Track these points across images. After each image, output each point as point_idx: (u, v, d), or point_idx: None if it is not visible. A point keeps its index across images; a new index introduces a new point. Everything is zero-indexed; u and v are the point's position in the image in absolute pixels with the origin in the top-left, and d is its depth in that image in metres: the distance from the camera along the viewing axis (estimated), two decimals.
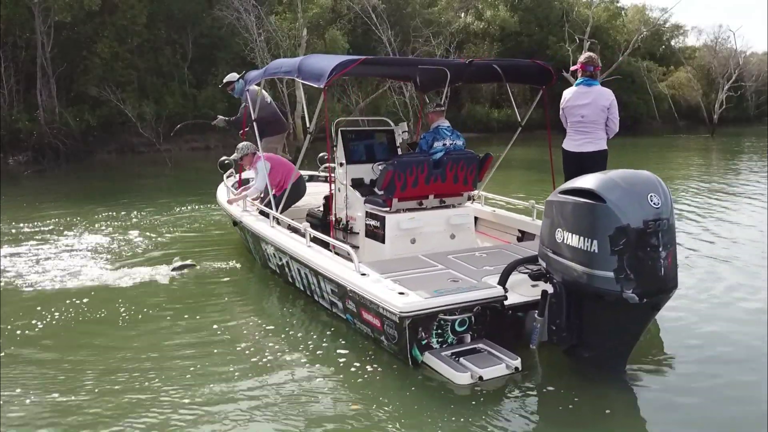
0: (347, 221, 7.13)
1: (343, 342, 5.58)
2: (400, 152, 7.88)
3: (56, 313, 6.64)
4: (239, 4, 27.89)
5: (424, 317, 4.66)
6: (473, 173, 6.71)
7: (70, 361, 5.49)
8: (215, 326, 6.12)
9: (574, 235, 4.30)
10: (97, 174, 22.08)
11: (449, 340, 4.89)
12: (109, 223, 11.54)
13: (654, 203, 4.08)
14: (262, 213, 7.61)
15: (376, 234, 6.57)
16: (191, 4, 31.13)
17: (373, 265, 5.55)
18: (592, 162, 6.04)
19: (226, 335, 5.91)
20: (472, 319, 4.89)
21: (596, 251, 4.15)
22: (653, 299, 4.23)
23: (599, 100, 5.96)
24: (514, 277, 5.06)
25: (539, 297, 4.73)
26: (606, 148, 6.19)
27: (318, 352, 5.41)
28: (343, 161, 7.17)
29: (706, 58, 50.16)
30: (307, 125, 6.65)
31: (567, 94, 6.17)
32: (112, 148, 27.88)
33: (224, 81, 9.95)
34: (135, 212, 12.46)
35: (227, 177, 9.58)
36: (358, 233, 7.00)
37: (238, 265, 8.31)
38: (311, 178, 9.68)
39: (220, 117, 10.15)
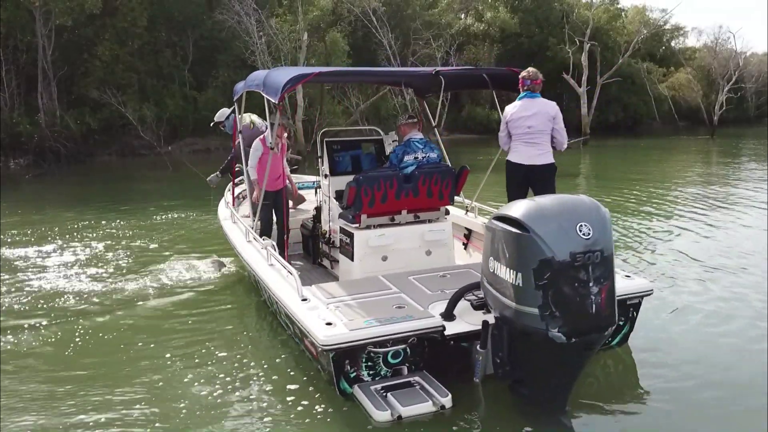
0: (330, 235, 6.95)
1: (291, 362, 5.46)
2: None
3: (54, 319, 6.66)
4: (240, 7, 27.92)
5: (350, 350, 4.41)
6: (449, 187, 6.35)
7: (69, 363, 5.52)
8: (182, 334, 6.24)
9: (502, 266, 3.98)
10: (97, 177, 22.11)
11: (382, 373, 4.60)
12: (107, 229, 11.56)
13: (583, 234, 3.72)
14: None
15: (347, 251, 6.31)
16: (191, 7, 31.17)
17: (324, 288, 5.36)
18: (541, 176, 6.06)
19: (184, 341, 6.05)
20: (408, 350, 4.60)
21: (521, 285, 3.82)
22: (583, 339, 3.85)
23: (545, 110, 5.98)
24: (464, 305, 4.73)
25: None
26: (554, 161, 6.13)
27: (264, 370, 5.35)
28: (327, 173, 6.98)
29: (706, 59, 50.12)
30: (268, 141, 6.41)
31: (510, 108, 6.16)
32: (113, 151, 27.92)
33: (215, 120, 9.26)
34: (135, 219, 12.47)
35: (228, 191, 9.25)
36: (338, 248, 6.78)
37: (233, 268, 8.38)
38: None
39: (212, 176, 9.39)
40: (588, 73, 35.43)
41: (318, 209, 7.32)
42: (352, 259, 6.17)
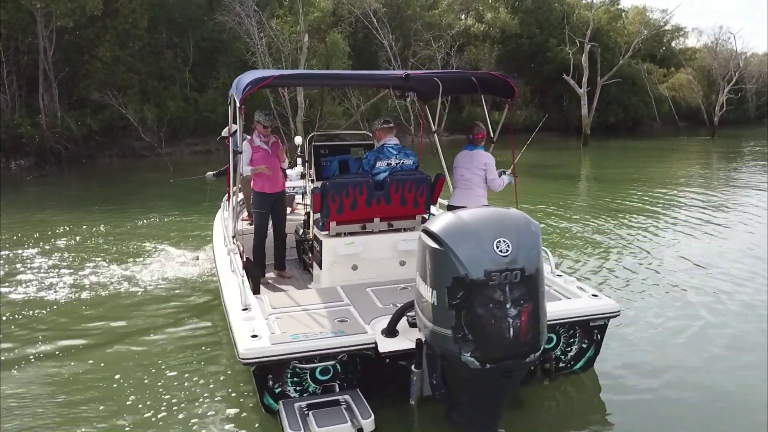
0: (313, 242, 6.63)
1: (231, 374, 5.35)
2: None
3: (53, 321, 6.69)
4: (240, 8, 27.97)
5: (272, 364, 4.18)
6: (423, 195, 6.02)
7: (69, 365, 5.55)
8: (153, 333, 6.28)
9: (422, 282, 3.69)
10: (98, 179, 22.13)
11: (311, 389, 4.37)
12: (107, 233, 11.58)
13: (501, 251, 3.38)
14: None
15: (317, 258, 6.07)
16: (192, 8, 31.24)
17: (278, 297, 5.21)
18: None
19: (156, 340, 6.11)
20: (338, 367, 4.36)
21: (436, 303, 3.53)
22: (499, 366, 3.49)
23: (477, 160, 6.52)
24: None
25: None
26: (486, 204, 6.45)
27: (199, 379, 5.28)
28: (314, 177, 6.75)
29: (706, 59, 50.16)
30: (236, 146, 6.20)
31: (457, 157, 6.72)
32: (114, 152, 27.97)
33: (222, 135, 8.85)
34: (135, 221, 12.49)
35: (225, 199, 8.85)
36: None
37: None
38: None
39: (209, 173, 9.26)
40: (588, 73, 35.45)
41: (308, 214, 7.04)
42: (321, 267, 5.92)
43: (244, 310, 4.72)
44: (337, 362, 4.34)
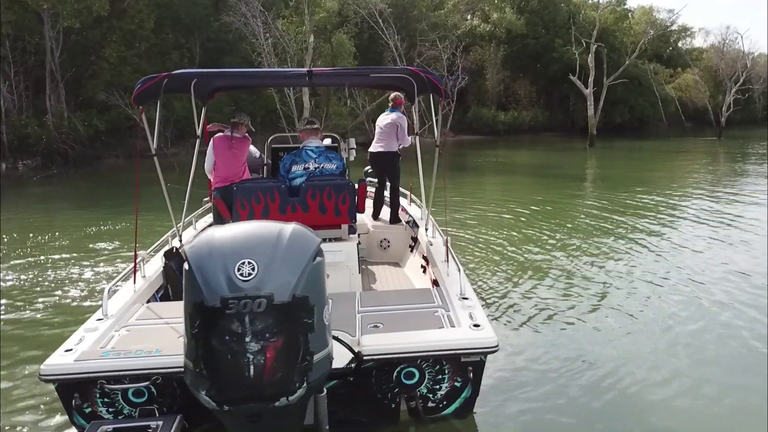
0: None
1: None
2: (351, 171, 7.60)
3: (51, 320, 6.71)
4: (246, 9, 28.05)
5: (75, 383, 3.81)
6: (345, 203, 5.55)
7: None
8: None
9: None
10: (104, 179, 22.21)
11: (125, 412, 3.96)
12: (111, 232, 11.62)
13: (242, 274, 2.89)
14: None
15: None
16: (198, 9, 31.34)
17: (156, 308, 4.81)
18: (384, 161, 7.67)
19: None
20: (152, 390, 3.88)
21: (183, 332, 3.11)
22: (239, 408, 3.02)
23: (393, 120, 7.65)
24: None
25: None
26: (395, 150, 7.69)
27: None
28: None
29: (713, 59, 50.01)
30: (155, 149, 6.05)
31: (381, 116, 7.93)
32: (120, 153, 28.07)
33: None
34: (141, 221, 12.53)
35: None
36: None
37: None
38: None
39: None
40: (594, 74, 35.39)
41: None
42: None
43: (99, 320, 4.33)
44: (151, 384, 3.85)
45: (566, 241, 9.85)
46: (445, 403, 4.04)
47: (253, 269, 2.90)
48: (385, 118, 7.74)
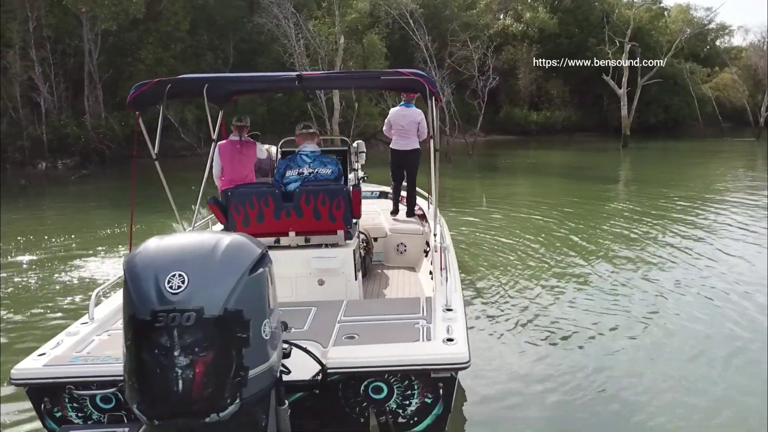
0: None
1: None
2: (361, 174, 7.69)
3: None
4: (278, 11, 28.31)
5: (44, 387, 3.81)
6: (340, 208, 5.51)
7: None
8: None
9: None
10: (138, 178, 22.58)
11: (95, 417, 3.95)
12: (139, 234, 11.87)
13: (171, 287, 2.84)
14: None
15: None
16: (232, 11, 31.74)
17: None
18: (408, 158, 7.88)
19: None
20: (120, 396, 3.80)
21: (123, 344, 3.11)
22: (168, 423, 2.97)
23: (412, 117, 7.80)
24: None
25: None
26: (418, 147, 7.90)
27: None
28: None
29: (752, 58, 48.85)
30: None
31: (393, 110, 8.10)
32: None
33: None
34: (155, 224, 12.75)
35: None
36: None
37: None
38: (382, 195, 8.98)
39: None
40: (628, 73, 34.84)
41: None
42: None
43: (83, 324, 4.32)
44: (118, 391, 3.75)
45: (595, 249, 9.62)
46: (416, 419, 3.90)
47: (183, 282, 2.83)
48: (402, 115, 7.81)
